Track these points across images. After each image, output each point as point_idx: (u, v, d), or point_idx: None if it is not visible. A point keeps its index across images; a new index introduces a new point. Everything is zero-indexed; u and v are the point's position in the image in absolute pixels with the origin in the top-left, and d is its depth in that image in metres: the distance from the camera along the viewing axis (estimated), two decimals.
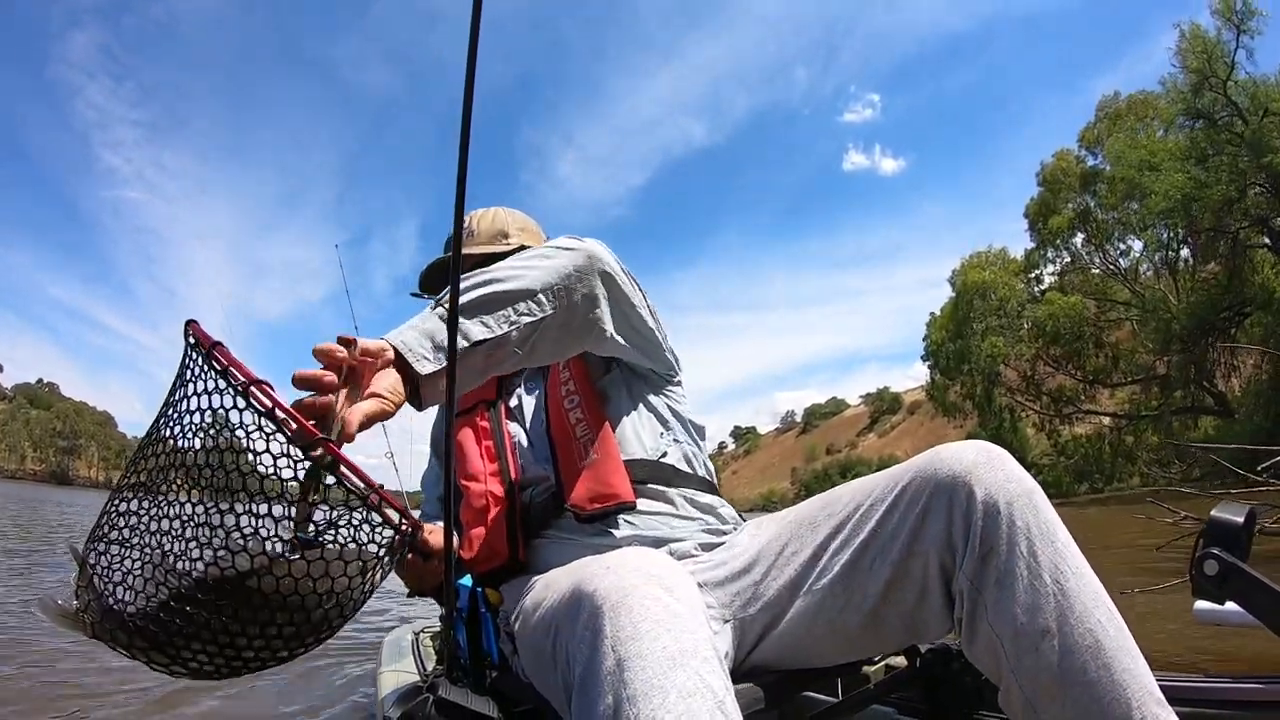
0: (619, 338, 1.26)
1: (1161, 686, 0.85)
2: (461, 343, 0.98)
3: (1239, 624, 1.09)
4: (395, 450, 2.55)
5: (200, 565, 0.85)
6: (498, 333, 1.03)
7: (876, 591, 1.00)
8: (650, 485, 1.30)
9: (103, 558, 0.90)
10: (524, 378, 1.52)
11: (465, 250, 1.45)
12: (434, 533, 1.23)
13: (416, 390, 0.96)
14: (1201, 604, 1.12)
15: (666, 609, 0.79)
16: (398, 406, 0.91)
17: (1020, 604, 0.88)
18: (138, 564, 0.87)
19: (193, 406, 0.87)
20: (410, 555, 1.17)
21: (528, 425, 1.44)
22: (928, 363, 36.94)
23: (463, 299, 1.00)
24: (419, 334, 0.97)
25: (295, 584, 0.88)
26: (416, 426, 1.77)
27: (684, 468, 1.36)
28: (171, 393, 0.91)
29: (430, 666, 1.76)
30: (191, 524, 0.86)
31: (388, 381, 0.91)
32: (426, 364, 0.95)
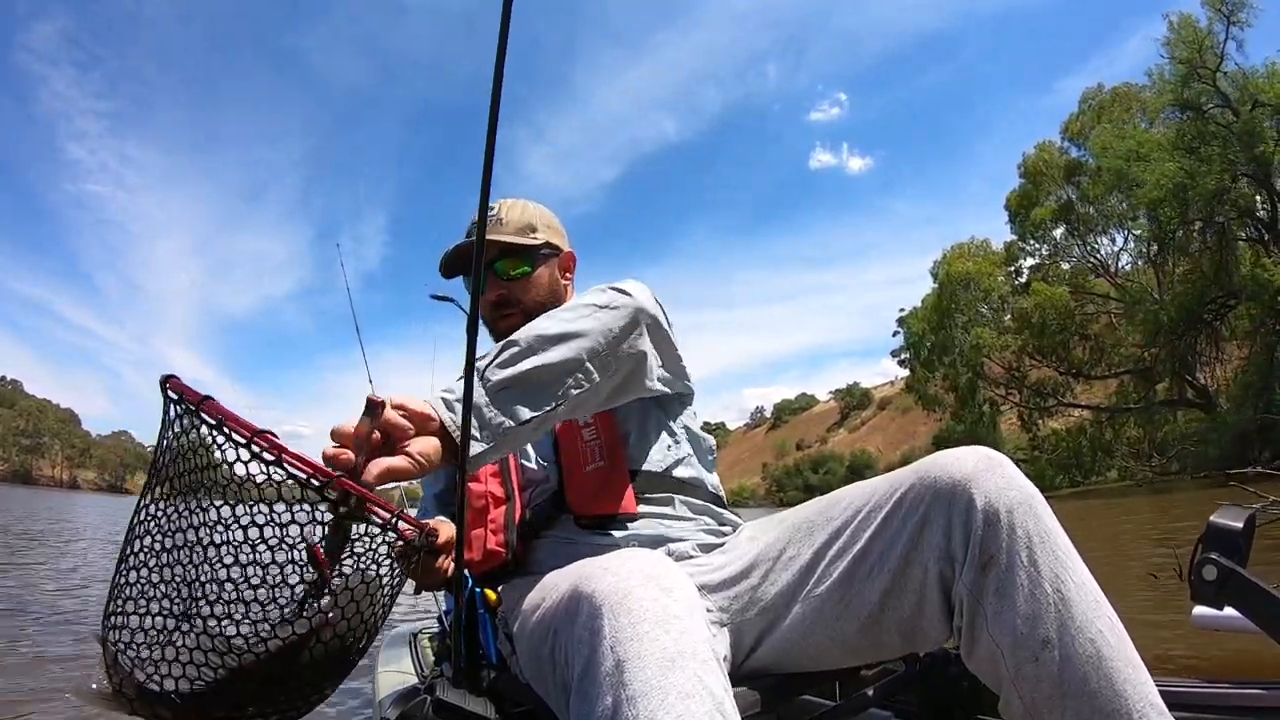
0: (657, 383, 1.26)
1: (1162, 692, 0.86)
2: (509, 423, 0.97)
3: (1238, 629, 1.09)
4: None
5: (246, 639, 0.85)
6: (545, 409, 1.01)
7: (875, 599, 1.00)
8: (653, 495, 1.30)
9: (127, 632, 0.89)
10: None
11: (492, 237, 1.41)
12: (440, 531, 1.22)
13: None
14: (1200, 609, 1.12)
15: (665, 610, 0.78)
16: (425, 471, 0.88)
17: (1020, 613, 0.88)
18: (172, 639, 0.87)
19: (195, 465, 0.86)
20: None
21: None
22: (906, 354, 37.03)
23: (509, 370, 0.99)
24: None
25: (346, 636, 0.90)
26: None
27: (690, 482, 1.35)
28: (161, 451, 0.89)
29: (428, 667, 1.75)
30: (227, 595, 0.86)
31: (424, 446, 0.88)
32: (474, 444, 0.93)
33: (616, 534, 1.24)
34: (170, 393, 0.85)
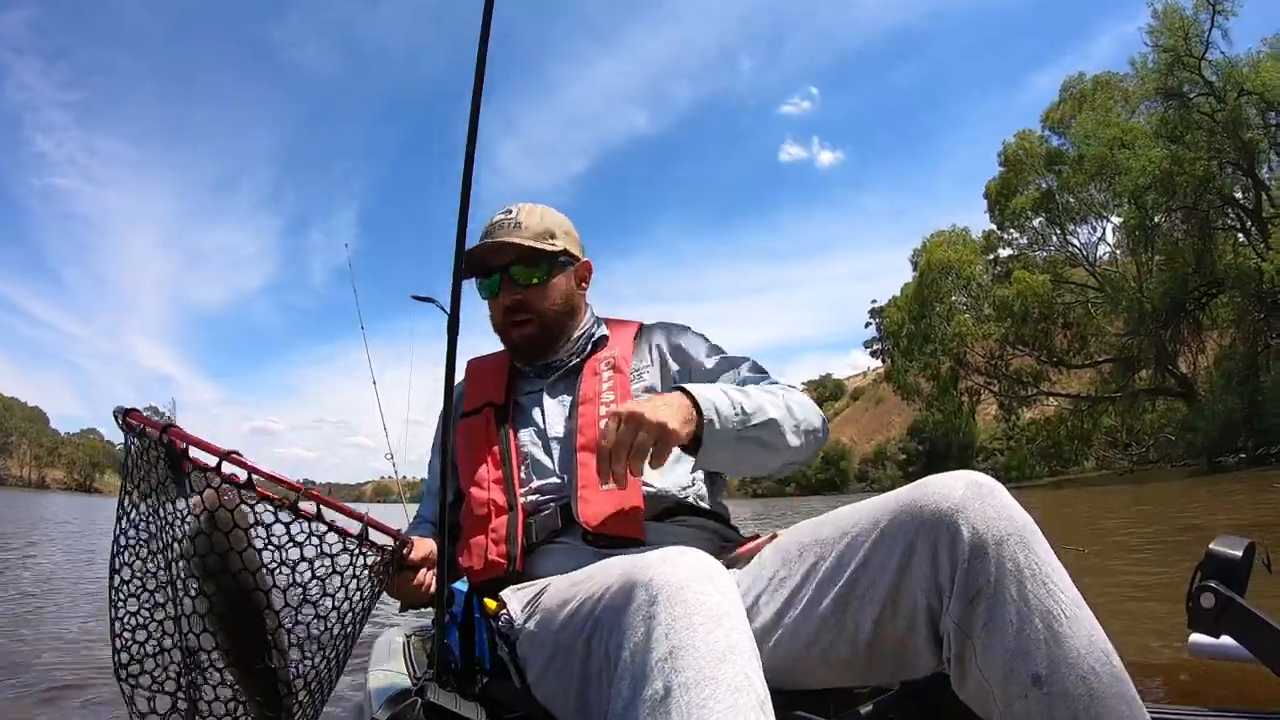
0: None
1: None
2: (723, 458, 1.23)
3: (1235, 658, 1.09)
4: (393, 448, 2.71)
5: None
6: (738, 468, 1.29)
7: (867, 627, 0.99)
8: (663, 518, 1.30)
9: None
10: (548, 382, 1.49)
11: (513, 239, 1.40)
12: (414, 546, 1.21)
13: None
14: (1197, 637, 1.12)
15: (718, 605, 0.81)
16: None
17: (1009, 649, 0.86)
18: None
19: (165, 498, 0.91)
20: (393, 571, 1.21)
21: (546, 432, 1.42)
22: (882, 344, 37.01)
23: (747, 426, 1.20)
24: (724, 436, 1.17)
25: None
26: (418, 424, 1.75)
27: (700, 507, 1.36)
28: (129, 490, 0.93)
29: (421, 669, 1.74)
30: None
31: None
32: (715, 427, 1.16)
33: (621, 549, 1.23)
34: (130, 424, 0.88)
